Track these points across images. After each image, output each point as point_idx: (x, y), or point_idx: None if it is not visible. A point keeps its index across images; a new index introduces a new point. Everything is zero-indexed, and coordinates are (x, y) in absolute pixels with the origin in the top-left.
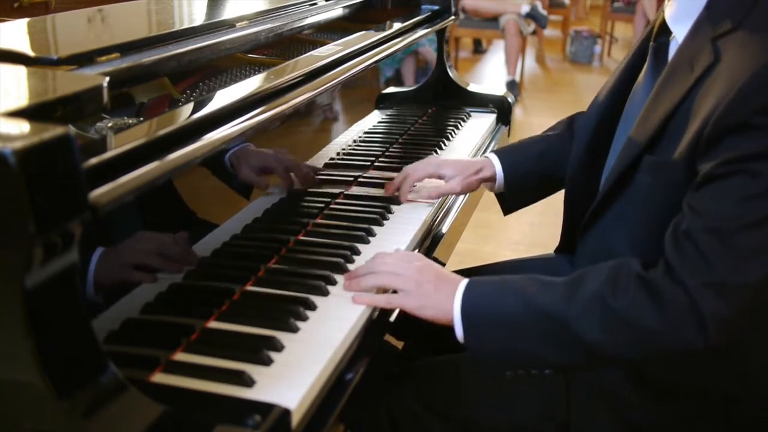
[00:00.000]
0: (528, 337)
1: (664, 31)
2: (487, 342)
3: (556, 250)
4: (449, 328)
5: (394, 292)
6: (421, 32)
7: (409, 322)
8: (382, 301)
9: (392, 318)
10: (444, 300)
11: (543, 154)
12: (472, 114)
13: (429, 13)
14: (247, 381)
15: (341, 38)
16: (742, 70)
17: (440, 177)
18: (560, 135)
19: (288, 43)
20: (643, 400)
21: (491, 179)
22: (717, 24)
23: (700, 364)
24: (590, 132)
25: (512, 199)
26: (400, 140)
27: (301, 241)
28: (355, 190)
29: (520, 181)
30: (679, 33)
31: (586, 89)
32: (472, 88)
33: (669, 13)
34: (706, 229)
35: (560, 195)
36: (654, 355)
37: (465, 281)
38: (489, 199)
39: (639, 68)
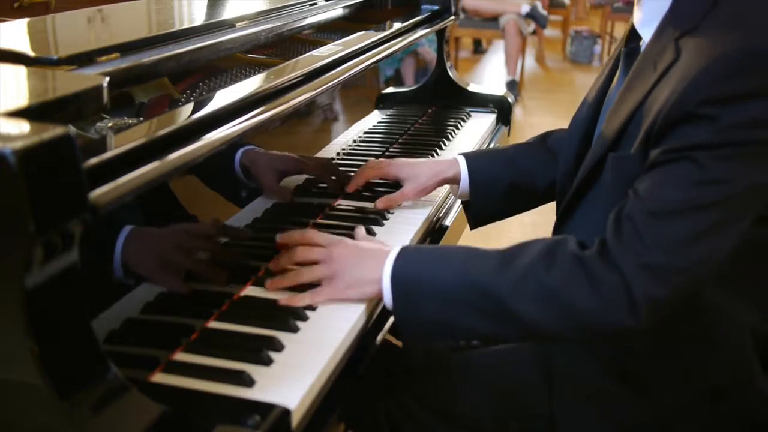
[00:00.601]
0: (459, 308)
1: (634, 36)
2: (416, 311)
3: None
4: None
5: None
6: (421, 32)
7: None
8: (307, 298)
9: (392, 318)
10: (371, 273)
11: (512, 162)
12: (472, 114)
13: (429, 13)
14: (247, 381)
15: (341, 38)
16: (695, 64)
17: (397, 179)
18: (532, 146)
19: (288, 43)
20: (629, 396)
21: (454, 180)
22: (679, 25)
23: (681, 357)
24: (578, 135)
25: (477, 206)
26: (400, 140)
27: None
28: (355, 189)
29: (486, 186)
30: (647, 36)
31: (586, 89)
32: (472, 88)
33: (637, 18)
34: (646, 211)
35: None
36: (585, 333)
37: (396, 249)
38: None
39: (615, 74)
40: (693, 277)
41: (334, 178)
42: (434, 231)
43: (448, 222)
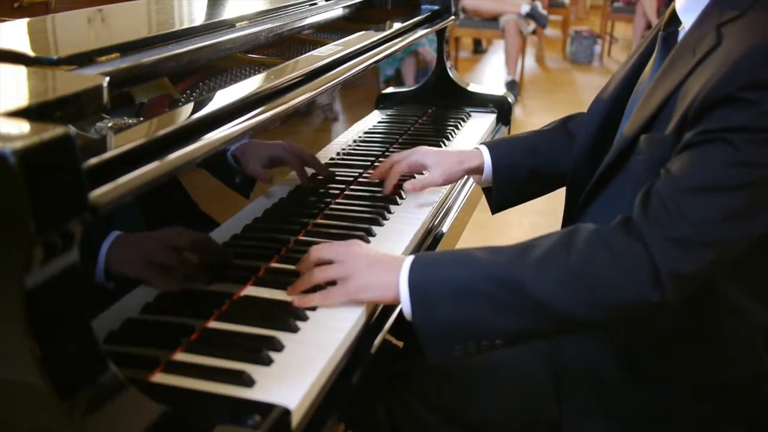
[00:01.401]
0: (480, 303)
1: (673, 21)
2: (437, 314)
3: None
4: None
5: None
6: (421, 32)
7: (409, 323)
8: (321, 297)
9: (392, 318)
10: (388, 275)
11: (533, 148)
12: (472, 114)
13: (429, 13)
14: (247, 381)
15: (341, 38)
16: (737, 49)
17: (423, 166)
18: (552, 131)
19: (288, 43)
20: (634, 390)
21: (478, 170)
22: (723, 11)
23: (688, 350)
24: (596, 124)
25: (499, 193)
26: (400, 140)
27: (301, 241)
28: (355, 189)
29: (508, 173)
30: (688, 22)
31: (586, 89)
32: (472, 88)
33: (679, 3)
34: (677, 188)
35: (560, 195)
36: (612, 311)
37: (411, 256)
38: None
39: (647, 60)
40: (718, 256)
41: (318, 171)
42: (434, 231)
43: (447, 222)
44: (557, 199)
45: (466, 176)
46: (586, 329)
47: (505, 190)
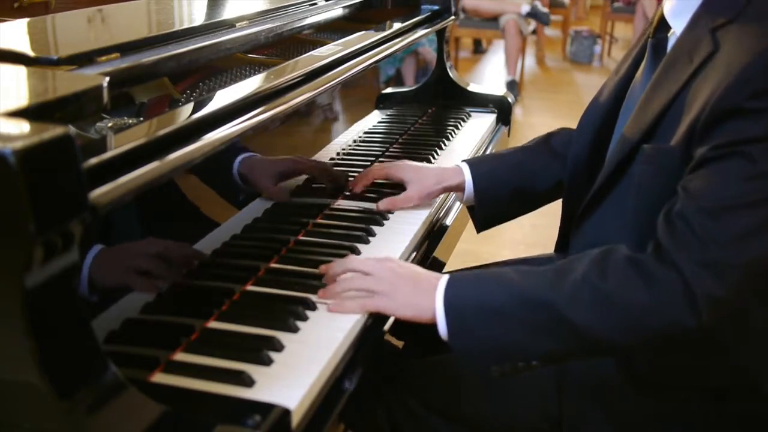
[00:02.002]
0: (515, 326)
1: (662, 26)
2: (473, 335)
3: (556, 249)
4: None
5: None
6: (421, 32)
7: (408, 323)
8: (357, 307)
9: (392, 318)
10: (424, 297)
11: (516, 166)
12: (472, 114)
13: (429, 13)
14: (247, 381)
15: (341, 38)
16: (741, 57)
17: (401, 180)
18: (535, 148)
19: (288, 43)
20: (635, 395)
21: (458, 188)
22: (715, 16)
23: (689, 357)
24: (592, 131)
25: (482, 211)
26: (400, 140)
27: (301, 241)
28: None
29: (491, 192)
30: (678, 27)
31: (586, 89)
32: (472, 88)
33: (668, 8)
34: (700, 209)
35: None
36: (647, 337)
37: (446, 276)
38: None
39: (639, 66)
40: (752, 274)
41: (330, 179)
42: (434, 231)
43: (448, 222)
44: (558, 201)
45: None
46: (619, 353)
47: (488, 209)
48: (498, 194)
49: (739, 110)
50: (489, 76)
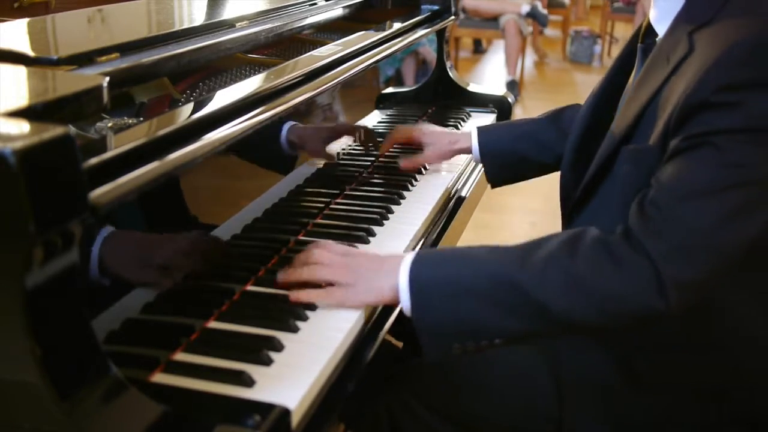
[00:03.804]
0: (479, 303)
1: (650, 32)
2: (435, 312)
3: None
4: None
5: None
6: (421, 32)
7: (408, 323)
8: (321, 295)
9: (392, 318)
10: (387, 277)
11: (522, 136)
12: (472, 114)
13: (429, 13)
14: (247, 381)
15: (341, 38)
16: (711, 54)
17: (420, 144)
18: (543, 121)
19: (288, 43)
20: (634, 396)
21: (467, 150)
22: (692, 20)
23: (687, 356)
24: (581, 130)
25: (490, 171)
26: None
27: (301, 241)
28: (355, 189)
29: (494, 157)
30: (662, 32)
31: (586, 89)
32: (472, 88)
33: (653, 14)
34: (671, 196)
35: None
36: (617, 319)
37: (411, 254)
38: (489, 199)
39: (629, 67)
40: (720, 260)
41: (367, 140)
42: (434, 231)
43: (448, 223)
44: (556, 199)
45: (467, 174)
46: (585, 333)
47: (495, 170)
48: (503, 160)
49: (707, 104)
50: (489, 76)
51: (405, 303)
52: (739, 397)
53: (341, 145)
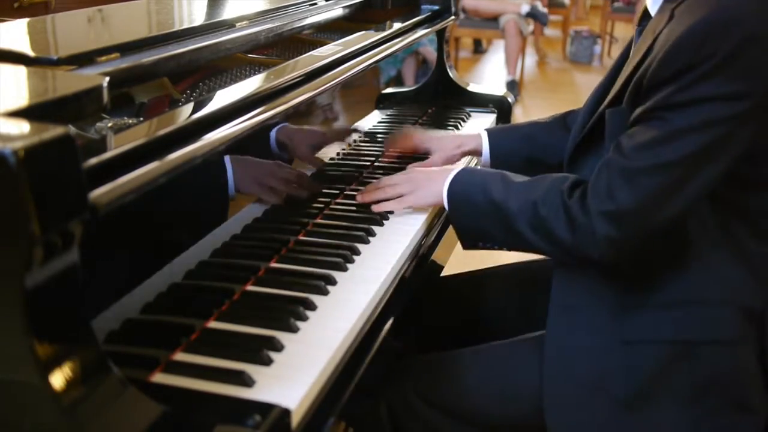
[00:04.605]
0: (487, 219)
1: (646, 16)
2: (462, 217)
3: None
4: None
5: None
6: (421, 32)
7: (408, 322)
8: (395, 203)
9: (392, 318)
10: (438, 186)
11: (531, 137)
12: (472, 114)
13: (429, 13)
14: (247, 381)
15: (341, 38)
16: (677, 30)
17: (427, 150)
18: (551, 124)
19: (288, 43)
20: (624, 375)
21: (476, 153)
22: None
23: (668, 308)
24: (584, 118)
25: None
26: None
27: (301, 241)
28: (355, 189)
29: (505, 159)
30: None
31: (586, 89)
32: (472, 88)
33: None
34: (619, 164)
35: None
36: (567, 257)
37: (454, 171)
38: None
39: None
40: (646, 230)
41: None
42: (435, 230)
43: (449, 221)
44: None
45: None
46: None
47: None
48: (511, 161)
49: (666, 81)
50: (489, 76)
51: (446, 204)
52: (712, 357)
53: (333, 150)
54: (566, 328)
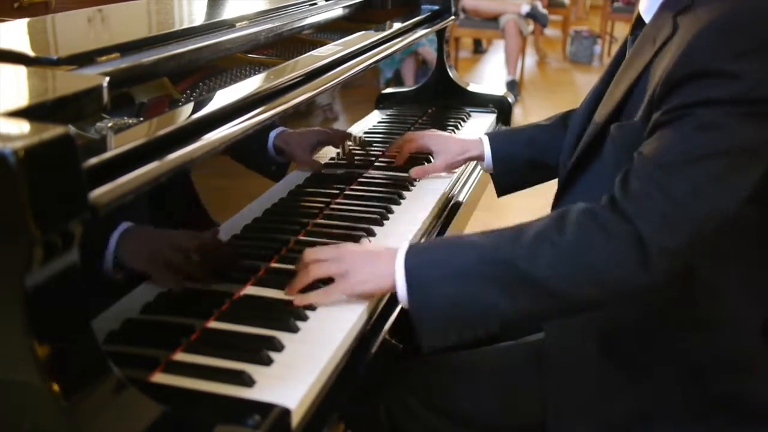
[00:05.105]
0: (475, 284)
1: (639, 23)
2: (432, 298)
3: None
4: None
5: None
6: (421, 32)
7: (408, 322)
8: (321, 294)
9: (392, 318)
10: (383, 267)
11: (532, 140)
12: (472, 114)
13: (429, 13)
14: (247, 381)
15: (341, 38)
16: (691, 34)
17: (430, 151)
18: (551, 125)
19: (288, 43)
20: (618, 390)
21: (479, 158)
22: (676, 4)
23: (671, 336)
24: (578, 127)
25: (500, 179)
26: None
27: (301, 241)
28: (355, 189)
29: (507, 163)
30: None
31: (586, 89)
32: (472, 88)
33: (642, 6)
34: (654, 166)
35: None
36: (603, 288)
37: (405, 245)
38: (489, 199)
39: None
40: (698, 228)
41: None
42: (434, 231)
43: (448, 224)
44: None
45: (467, 175)
46: (580, 311)
47: (505, 177)
48: (513, 165)
49: (685, 80)
50: (489, 76)
51: (401, 290)
52: (716, 377)
53: (333, 150)
54: (566, 332)
